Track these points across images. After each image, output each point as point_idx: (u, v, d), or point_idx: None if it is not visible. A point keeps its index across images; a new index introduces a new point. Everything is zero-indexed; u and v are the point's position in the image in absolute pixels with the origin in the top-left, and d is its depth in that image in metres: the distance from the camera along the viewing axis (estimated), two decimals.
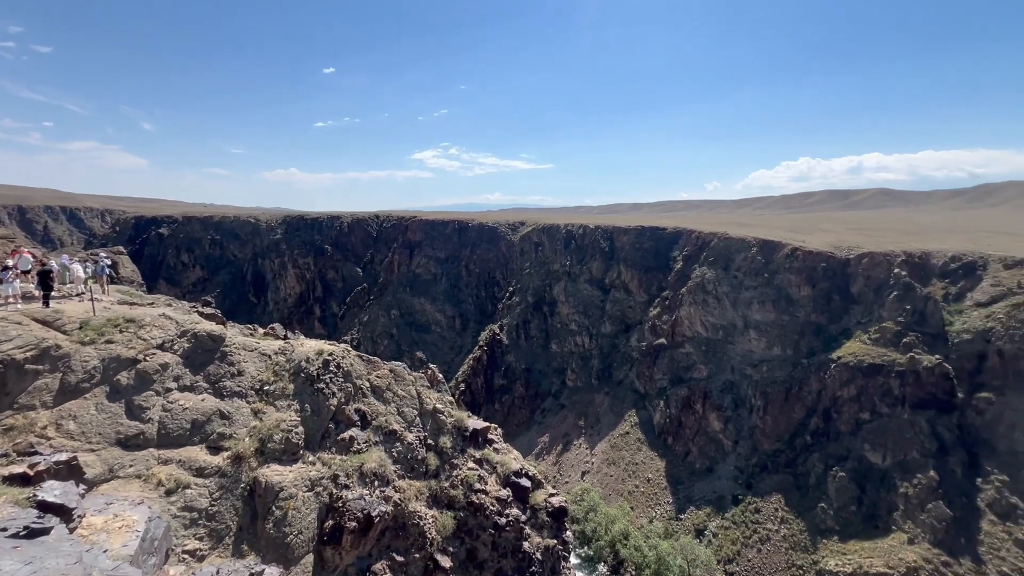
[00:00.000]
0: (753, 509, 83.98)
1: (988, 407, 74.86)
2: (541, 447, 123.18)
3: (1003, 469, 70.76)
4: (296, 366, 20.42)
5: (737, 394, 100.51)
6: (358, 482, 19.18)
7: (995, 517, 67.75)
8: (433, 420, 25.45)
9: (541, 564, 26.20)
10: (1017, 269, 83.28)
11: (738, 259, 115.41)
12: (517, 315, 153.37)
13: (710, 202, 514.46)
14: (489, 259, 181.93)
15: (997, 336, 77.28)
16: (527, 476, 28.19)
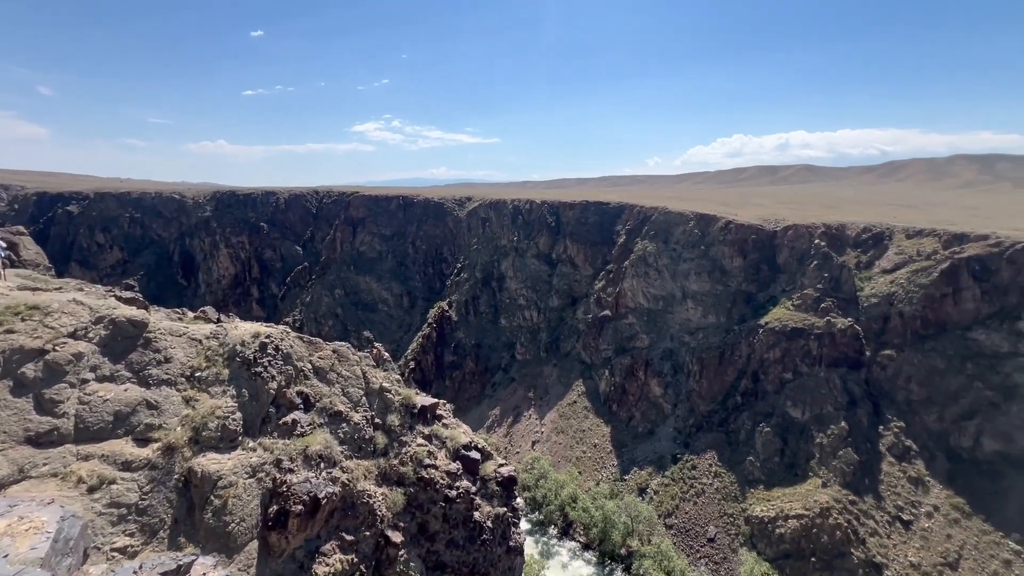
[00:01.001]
0: (690, 466, 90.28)
1: (890, 363, 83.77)
2: (492, 420, 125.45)
3: (900, 416, 79.94)
4: (230, 350, 19.49)
5: (676, 361, 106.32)
6: (303, 465, 18.83)
7: (893, 459, 76.78)
8: (380, 399, 25.23)
9: (492, 532, 27.03)
10: (917, 239, 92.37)
11: (677, 232, 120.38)
12: (466, 291, 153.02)
13: (652, 177, 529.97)
14: (436, 235, 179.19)
15: (899, 299, 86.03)
16: (476, 449, 28.70)
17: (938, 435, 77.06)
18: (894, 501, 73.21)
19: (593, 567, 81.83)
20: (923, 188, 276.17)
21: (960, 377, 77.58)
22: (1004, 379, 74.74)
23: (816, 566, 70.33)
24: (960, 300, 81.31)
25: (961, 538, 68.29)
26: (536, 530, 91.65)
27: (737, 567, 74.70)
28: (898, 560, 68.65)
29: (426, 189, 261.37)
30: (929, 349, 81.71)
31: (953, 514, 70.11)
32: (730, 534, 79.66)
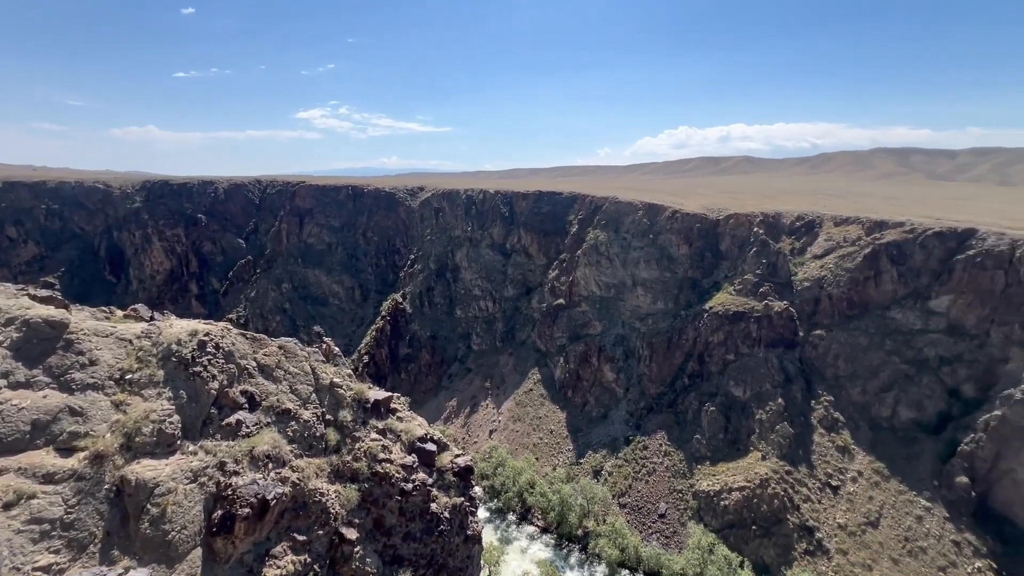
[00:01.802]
0: (642, 447, 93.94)
1: (820, 342, 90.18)
2: (450, 411, 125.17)
3: (829, 391, 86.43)
4: (165, 350, 18.39)
5: (627, 346, 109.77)
6: (249, 467, 18.15)
7: (823, 430, 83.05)
8: (331, 395, 24.63)
9: (449, 522, 27.15)
10: (844, 226, 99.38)
11: (627, 222, 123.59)
12: (420, 283, 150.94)
13: (602, 167, 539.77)
14: (388, 226, 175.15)
15: (828, 283, 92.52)
16: (432, 441, 28.63)
17: (862, 407, 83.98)
18: (824, 469, 79.38)
19: (551, 550, 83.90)
20: (849, 179, 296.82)
21: (880, 353, 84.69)
22: (917, 353, 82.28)
23: (756, 533, 75.34)
24: (880, 282, 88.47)
25: (881, 499, 75.05)
26: (495, 517, 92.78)
27: (686, 539, 78.80)
28: (828, 523, 74.65)
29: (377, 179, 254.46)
30: (854, 328, 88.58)
31: (874, 478, 76.88)
32: (679, 509, 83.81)
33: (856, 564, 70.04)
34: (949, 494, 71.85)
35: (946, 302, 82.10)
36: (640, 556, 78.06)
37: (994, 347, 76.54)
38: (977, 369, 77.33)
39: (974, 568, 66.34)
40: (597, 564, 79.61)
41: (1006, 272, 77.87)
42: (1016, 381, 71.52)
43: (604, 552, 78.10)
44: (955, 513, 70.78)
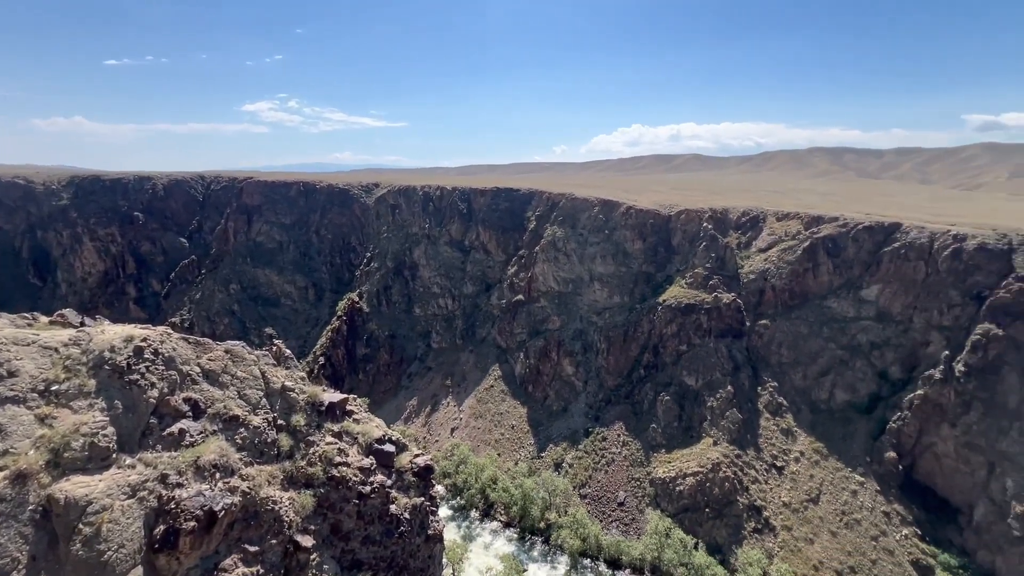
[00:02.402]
0: (601, 438, 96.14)
1: (765, 331, 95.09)
2: (410, 411, 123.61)
3: (774, 377, 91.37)
4: (97, 358, 17.22)
5: (586, 340, 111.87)
6: (194, 478, 17.31)
7: (769, 415, 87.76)
8: (283, 399, 23.83)
9: (409, 523, 26.89)
10: (785, 221, 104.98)
11: (583, 218, 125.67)
12: (377, 281, 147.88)
13: (559, 164, 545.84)
14: (342, 223, 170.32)
15: (771, 275, 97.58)
16: (391, 441, 28.24)
17: (803, 391, 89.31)
18: (770, 451, 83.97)
19: (514, 543, 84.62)
20: (789, 176, 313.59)
21: (818, 340, 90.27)
22: (851, 339, 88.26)
23: (709, 515, 78.84)
24: (818, 274, 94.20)
25: (821, 476, 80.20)
26: (458, 515, 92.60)
27: (644, 525, 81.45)
28: (774, 502, 79.08)
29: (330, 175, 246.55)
30: (795, 317, 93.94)
31: (814, 457, 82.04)
32: (637, 496, 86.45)
33: (799, 539, 74.61)
34: (879, 469, 77.65)
35: (875, 291, 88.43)
36: (601, 544, 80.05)
37: (917, 332, 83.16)
38: (902, 352, 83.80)
39: (901, 535, 72.10)
40: (560, 555, 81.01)
41: (926, 263, 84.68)
42: (935, 362, 78.06)
43: (566, 543, 79.55)
44: (885, 486, 76.60)
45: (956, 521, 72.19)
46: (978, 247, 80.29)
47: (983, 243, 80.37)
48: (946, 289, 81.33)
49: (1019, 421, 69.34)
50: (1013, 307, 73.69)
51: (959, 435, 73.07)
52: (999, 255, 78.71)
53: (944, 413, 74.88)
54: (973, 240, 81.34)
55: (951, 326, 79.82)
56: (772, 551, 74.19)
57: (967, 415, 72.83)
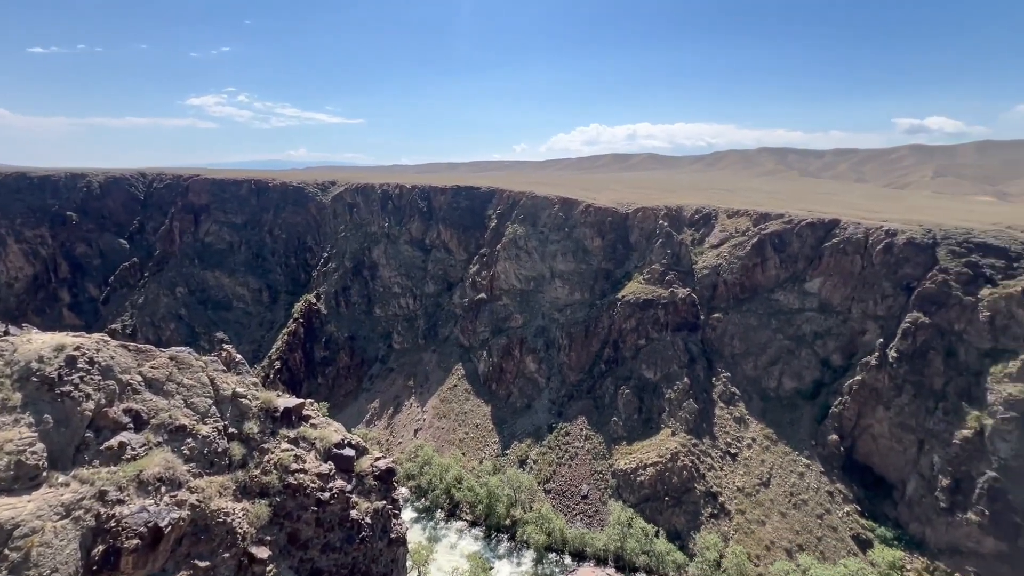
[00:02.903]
0: (564, 433, 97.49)
1: (718, 324, 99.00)
2: (372, 413, 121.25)
3: (727, 368, 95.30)
4: (23, 369, 16.07)
5: (548, 337, 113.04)
6: (137, 493, 16.43)
7: (723, 404, 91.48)
8: (234, 406, 22.96)
9: (371, 527, 26.47)
10: (735, 218, 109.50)
11: (544, 216, 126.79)
12: (335, 282, 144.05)
13: (519, 163, 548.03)
14: (298, 223, 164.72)
15: (723, 270, 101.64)
16: (350, 446, 27.69)
17: (753, 380, 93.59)
18: (724, 439, 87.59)
19: (480, 542, 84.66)
20: (738, 175, 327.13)
21: (767, 331, 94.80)
22: (796, 330, 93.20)
23: (669, 504, 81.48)
24: (766, 268, 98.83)
25: (771, 461, 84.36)
26: (423, 516, 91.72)
27: (607, 516, 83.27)
28: (728, 487, 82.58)
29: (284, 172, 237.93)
30: (746, 310, 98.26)
31: (765, 442, 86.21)
32: (600, 488, 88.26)
33: (752, 521, 78.27)
34: (823, 451, 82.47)
35: (818, 284, 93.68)
36: (566, 538, 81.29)
37: (855, 321, 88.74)
38: (842, 341, 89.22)
39: (844, 512, 76.90)
40: (525, 550, 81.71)
41: (862, 256, 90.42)
42: (871, 349, 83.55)
43: (532, 538, 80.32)
44: (828, 467, 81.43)
45: (891, 496, 77.62)
46: (907, 242, 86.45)
47: (911, 238, 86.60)
48: (880, 281, 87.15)
49: (944, 401, 75.27)
50: (938, 297, 79.83)
51: (892, 416, 78.56)
52: (925, 249, 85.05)
53: (879, 396, 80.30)
54: (903, 235, 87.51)
55: (885, 315, 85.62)
56: (728, 534, 77.49)
57: (899, 398, 78.39)
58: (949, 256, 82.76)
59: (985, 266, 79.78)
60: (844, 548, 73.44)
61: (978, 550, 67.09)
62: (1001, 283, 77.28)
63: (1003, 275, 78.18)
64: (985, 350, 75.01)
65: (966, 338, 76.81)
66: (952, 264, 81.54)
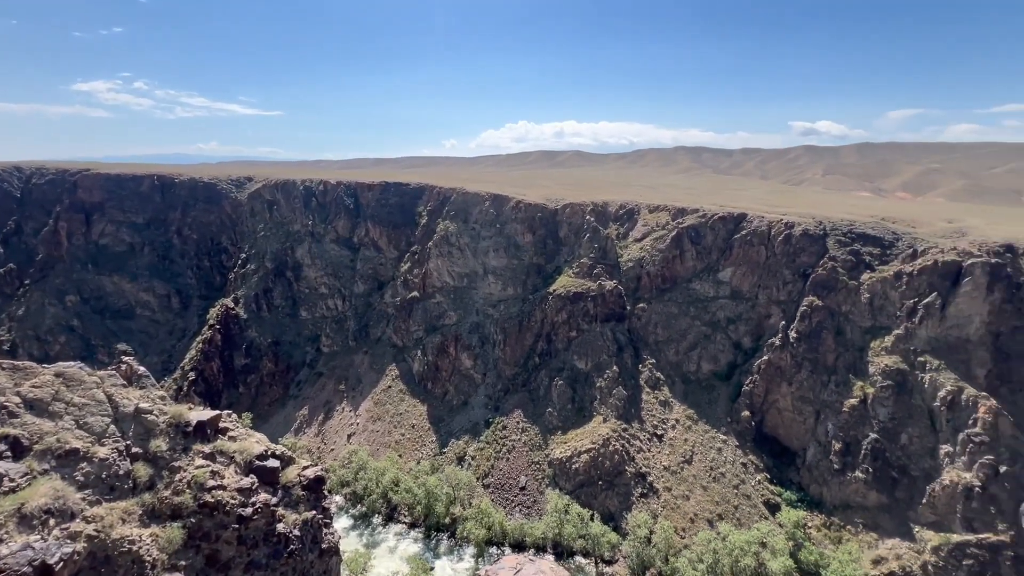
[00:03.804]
0: (501, 427, 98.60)
1: (643, 313, 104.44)
2: (301, 421, 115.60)
3: (652, 355, 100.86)
4: None
5: (482, 333, 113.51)
6: (19, 529, 14.73)
7: (649, 389, 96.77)
8: (138, 423, 21.13)
9: (300, 540, 25.51)
10: (656, 213, 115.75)
11: (475, 212, 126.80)
12: (255, 284, 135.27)
13: (449, 159, 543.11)
14: (211, 222, 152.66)
15: (646, 262, 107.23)
16: (274, 456, 26.47)
17: (676, 365, 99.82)
18: (651, 422, 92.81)
19: (420, 543, 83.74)
20: (658, 172, 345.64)
21: (686, 319, 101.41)
22: (712, 316, 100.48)
23: (602, 488, 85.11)
24: (684, 259, 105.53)
25: (693, 439, 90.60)
26: (360, 523, 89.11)
27: (545, 505, 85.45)
28: (656, 467, 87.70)
29: (193, 167, 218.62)
30: (667, 300, 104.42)
31: (687, 422, 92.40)
32: (537, 479, 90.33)
33: (678, 497, 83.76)
34: (737, 426, 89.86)
35: (729, 273, 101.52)
36: (505, 530, 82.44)
37: (761, 306, 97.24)
38: (751, 325, 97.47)
39: (756, 481, 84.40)
40: (466, 547, 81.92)
41: (766, 247, 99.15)
42: (776, 331, 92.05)
43: (471, 534, 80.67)
44: (742, 441, 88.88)
45: (795, 463, 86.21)
46: (802, 233, 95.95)
47: (806, 230, 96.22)
48: (781, 269, 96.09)
49: (835, 375, 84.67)
50: (828, 282, 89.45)
51: (794, 391, 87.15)
52: (817, 239, 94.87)
53: (783, 373, 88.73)
54: (799, 227, 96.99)
55: (786, 300, 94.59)
56: (656, 511, 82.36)
57: (799, 374, 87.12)
58: (837, 245, 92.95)
59: (865, 254, 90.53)
60: (757, 513, 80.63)
61: (864, 504, 76.37)
62: (878, 268, 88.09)
63: (879, 261, 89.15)
64: (866, 328, 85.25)
65: (851, 318, 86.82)
66: (839, 252, 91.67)
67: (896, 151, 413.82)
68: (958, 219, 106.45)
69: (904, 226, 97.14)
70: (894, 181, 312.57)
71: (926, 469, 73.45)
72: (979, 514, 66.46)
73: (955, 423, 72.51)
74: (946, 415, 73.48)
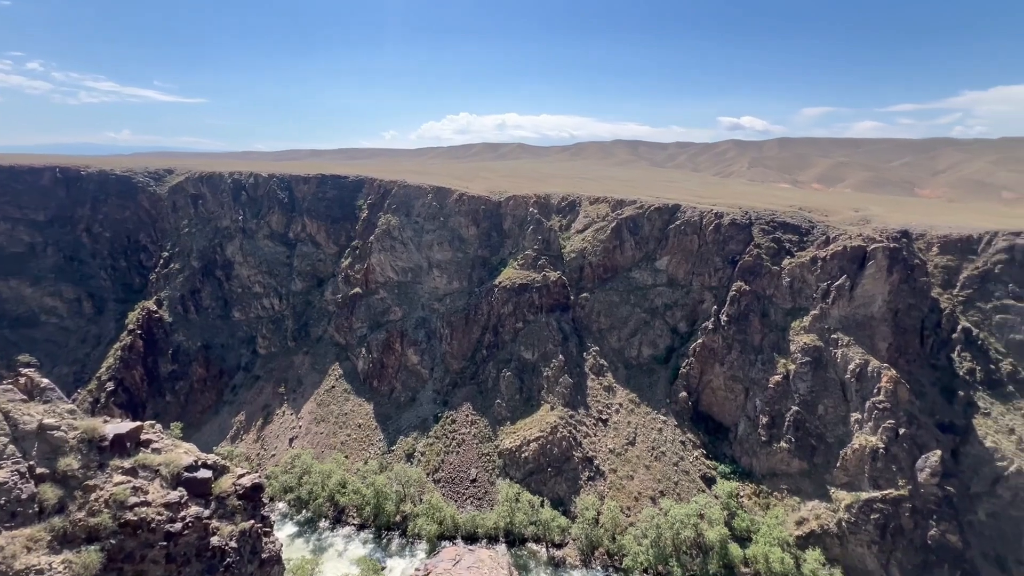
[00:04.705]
0: (450, 421, 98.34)
1: (586, 303, 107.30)
2: (238, 427, 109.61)
3: (595, 343, 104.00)
4: None
5: (429, 328, 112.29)
6: None
7: (593, 376, 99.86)
8: (42, 441, 19.38)
9: (238, 551, 24.45)
10: (596, 204, 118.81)
11: (417, 205, 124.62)
12: (181, 285, 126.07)
13: (389, 151, 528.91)
14: (126, 218, 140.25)
15: (588, 253, 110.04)
16: (206, 466, 25.12)
17: (618, 351, 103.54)
18: (596, 407, 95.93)
19: (370, 544, 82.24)
20: (598, 165, 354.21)
21: (627, 306, 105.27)
22: (650, 303, 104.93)
23: (551, 473, 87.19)
24: (623, 250, 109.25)
25: (636, 422, 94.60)
26: (306, 529, 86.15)
27: (496, 495, 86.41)
28: (602, 451, 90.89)
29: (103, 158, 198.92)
30: (609, 289, 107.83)
31: (630, 406, 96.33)
32: (488, 470, 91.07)
33: (623, 477, 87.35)
34: (676, 407, 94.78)
35: (665, 262, 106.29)
36: (457, 523, 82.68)
37: (695, 292, 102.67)
38: (687, 310, 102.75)
39: (693, 457, 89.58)
40: (418, 543, 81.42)
41: (699, 236, 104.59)
42: (708, 316, 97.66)
43: (423, 530, 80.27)
44: (680, 420, 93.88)
45: (728, 438, 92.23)
46: (731, 222, 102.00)
47: (734, 219, 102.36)
48: (712, 256, 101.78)
49: (761, 354, 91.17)
50: (754, 267, 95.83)
51: (726, 371, 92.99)
52: (744, 228, 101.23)
53: (716, 355, 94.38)
54: (727, 217, 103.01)
55: (717, 286, 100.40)
56: (603, 493, 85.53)
57: (730, 354, 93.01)
58: (761, 234, 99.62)
59: (786, 241, 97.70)
60: (695, 487, 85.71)
61: (788, 471, 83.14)
62: (797, 254, 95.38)
63: (798, 247, 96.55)
64: (787, 309, 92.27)
65: (775, 301, 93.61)
66: (763, 240, 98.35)
67: (811, 145, 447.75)
68: (863, 208, 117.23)
69: (818, 215, 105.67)
70: (809, 173, 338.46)
71: (839, 436, 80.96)
72: (883, 472, 74.25)
73: (863, 393, 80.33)
74: (855, 386, 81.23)
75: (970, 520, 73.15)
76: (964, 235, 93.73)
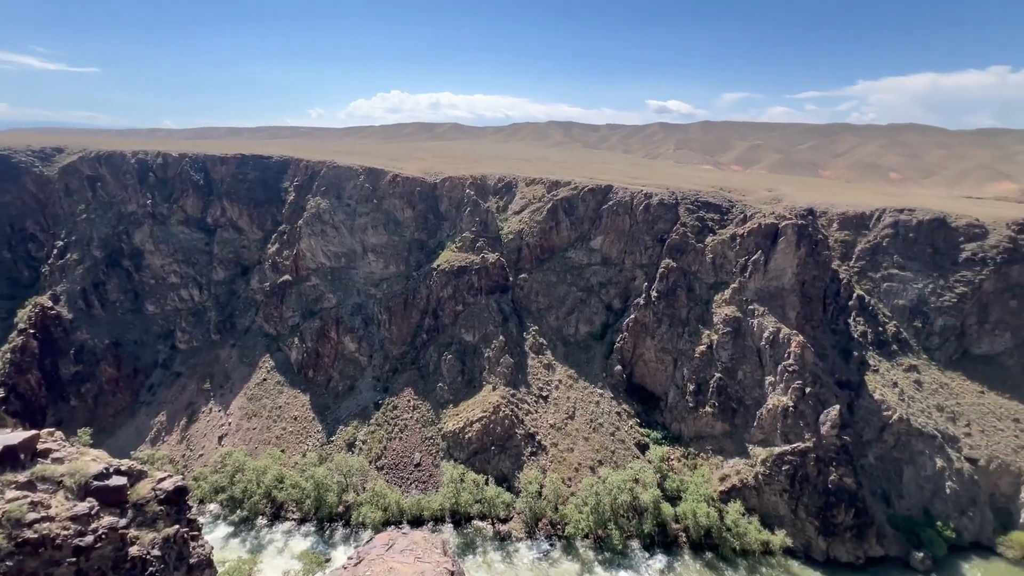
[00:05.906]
0: (392, 407, 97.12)
1: (525, 283, 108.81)
2: (158, 429, 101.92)
3: (535, 322, 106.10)
4: None
5: (366, 313, 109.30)
6: None
7: (534, 354, 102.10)
8: None
9: (162, 559, 23.19)
10: (533, 186, 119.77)
11: (349, 187, 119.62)
12: (81, 277, 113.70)
13: (317, 129, 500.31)
14: (8, 203, 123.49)
15: (526, 234, 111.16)
16: (119, 473, 23.41)
17: (557, 329, 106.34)
18: (537, 385, 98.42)
19: (312, 536, 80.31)
20: (533, 146, 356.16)
21: (564, 286, 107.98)
22: (586, 282, 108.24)
23: (495, 452, 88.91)
24: (559, 230, 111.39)
25: (575, 397, 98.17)
26: (242, 528, 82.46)
27: (441, 478, 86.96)
28: (543, 426, 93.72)
29: None
30: (546, 269, 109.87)
31: (569, 382, 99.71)
32: (432, 453, 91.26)
33: (563, 450, 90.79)
34: (612, 380, 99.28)
35: (600, 241, 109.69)
36: (402, 508, 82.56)
37: (627, 270, 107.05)
38: (620, 288, 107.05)
39: (628, 426, 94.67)
40: (363, 532, 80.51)
41: (630, 216, 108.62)
42: (640, 292, 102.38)
43: (367, 518, 79.46)
44: (616, 392, 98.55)
45: (659, 406, 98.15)
46: (659, 203, 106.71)
47: (662, 199, 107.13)
48: (643, 235, 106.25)
49: (688, 326, 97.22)
50: (680, 245, 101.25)
51: (656, 344, 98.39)
52: (671, 208, 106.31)
53: (647, 329, 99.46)
54: (656, 197, 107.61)
55: (647, 264, 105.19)
56: (545, 467, 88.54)
57: (660, 328, 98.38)
58: (686, 213, 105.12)
59: (708, 219, 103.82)
60: (631, 454, 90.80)
61: (713, 433, 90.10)
62: (718, 232, 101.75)
63: (719, 225, 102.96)
64: (711, 284, 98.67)
65: (699, 276, 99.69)
66: (688, 219, 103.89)
67: (731, 129, 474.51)
68: (775, 188, 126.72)
69: (737, 195, 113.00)
70: (729, 155, 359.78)
71: (756, 398, 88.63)
72: (792, 428, 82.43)
73: (776, 358, 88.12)
74: (769, 352, 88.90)
75: (862, 464, 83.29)
76: (858, 212, 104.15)
